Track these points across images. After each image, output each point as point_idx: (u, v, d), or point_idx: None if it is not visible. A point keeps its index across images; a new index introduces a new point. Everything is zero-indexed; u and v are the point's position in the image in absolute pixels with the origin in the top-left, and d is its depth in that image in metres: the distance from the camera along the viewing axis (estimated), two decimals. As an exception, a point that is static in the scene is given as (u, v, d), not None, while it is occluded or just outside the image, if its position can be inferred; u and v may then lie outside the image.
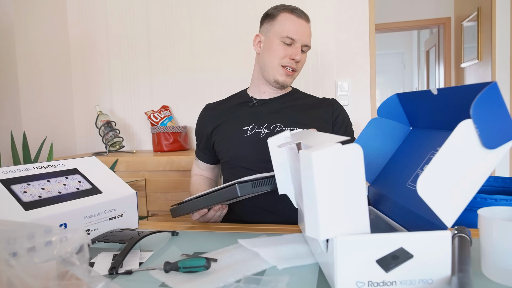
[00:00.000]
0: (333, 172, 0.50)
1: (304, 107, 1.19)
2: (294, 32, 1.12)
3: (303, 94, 1.28)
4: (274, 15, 1.16)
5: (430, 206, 0.53)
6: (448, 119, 0.63)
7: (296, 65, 1.15)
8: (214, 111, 1.23)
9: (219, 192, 0.79)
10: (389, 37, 6.07)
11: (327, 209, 0.51)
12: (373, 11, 1.79)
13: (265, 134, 1.12)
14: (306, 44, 1.15)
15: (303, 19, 1.15)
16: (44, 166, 0.86)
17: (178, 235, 0.85)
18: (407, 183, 0.70)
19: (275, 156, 0.79)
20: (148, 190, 1.62)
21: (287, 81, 1.16)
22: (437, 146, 0.66)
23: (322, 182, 0.50)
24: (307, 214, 0.54)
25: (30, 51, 1.81)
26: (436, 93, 0.64)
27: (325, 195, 0.50)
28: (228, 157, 1.16)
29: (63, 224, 0.76)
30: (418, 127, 0.78)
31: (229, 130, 1.16)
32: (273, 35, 1.14)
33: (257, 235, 0.82)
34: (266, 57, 1.16)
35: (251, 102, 1.21)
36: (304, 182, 0.54)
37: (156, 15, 2.01)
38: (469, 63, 3.65)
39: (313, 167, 0.50)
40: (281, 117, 1.15)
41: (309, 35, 1.17)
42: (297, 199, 0.77)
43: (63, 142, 2.03)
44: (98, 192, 0.86)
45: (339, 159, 0.50)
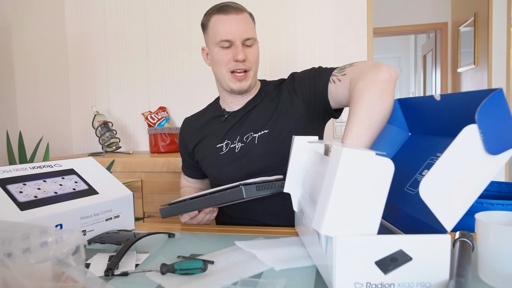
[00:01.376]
0: (357, 176, 0.51)
1: (270, 104, 1.09)
2: (227, 33, 1.01)
3: (270, 86, 1.14)
4: (206, 22, 1.07)
5: (431, 209, 0.53)
6: (450, 126, 0.63)
7: (245, 64, 1.04)
8: (191, 128, 1.19)
9: (222, 193, 0.78)
10: (386, 41, 6.10)
11: (338, 207, 0.51)
12: (371, 15, 1.79)
13: (240, 148, 1.07)
14: (247, 38, 1.03)
15: (233, 13, 1.02)
16: (40, 166, 0.86)
17: (174, 237, 0.85)
18: (406, 187, 0.70)
19: (295, 155, 0.79)
20: (145, 191, 1.61)
21: (242, 86, 1.05)
22: (436, 152, 0.66)
23: (342, 180, 0.51)
24: (319, 207, 0.55)
25: (27, 51, 1.80)
26: (439, 99, 0.64)
27: (340, 193, 0.51)
28: (211, 178, 1.15)
29: (59, 225, 0.75)
30: (417, 133, 0.79)
31: (207, 149, 1.12)
32: (211, 44, 1.06)
33: (254, 237, 0.81)
34: (214, 69, 1.09)
35: (223, 116, 1.13)
36: (326, 177, 0.55)
37: (154, 16, 2.01)
38: (466, 68, 3.68)
39: (339, 163, 0.51)
40: (251, 124, 1.08)
41: (245, 27, 1.03)
42: (301, 202, 0.77)
43: (60, 142, 2.02)
44: (95, 192, 0.85)
45: (368, 166, 0.51)
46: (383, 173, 0.52)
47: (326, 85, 0.99)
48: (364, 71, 0.85)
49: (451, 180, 0.53)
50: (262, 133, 1.05)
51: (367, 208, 0.52)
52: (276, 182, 0.82)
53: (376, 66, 0.84)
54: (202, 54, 1.15)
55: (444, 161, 0.52)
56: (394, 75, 0.82)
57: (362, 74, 0.85)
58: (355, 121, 0.76)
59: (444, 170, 0.52)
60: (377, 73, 0.81)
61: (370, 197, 0.52)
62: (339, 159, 0.51)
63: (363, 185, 0.52)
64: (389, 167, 0.52)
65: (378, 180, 0.52)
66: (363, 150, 0.52)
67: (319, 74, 1.02)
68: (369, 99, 0.78)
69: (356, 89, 0.82)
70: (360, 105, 0.77)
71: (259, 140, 1.05)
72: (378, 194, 0.52)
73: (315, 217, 0.55)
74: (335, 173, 0.51)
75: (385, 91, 0.78)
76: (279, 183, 0.83)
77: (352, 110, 0.79)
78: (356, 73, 0.88)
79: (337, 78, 0.95)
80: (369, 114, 0.76)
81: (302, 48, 1.87)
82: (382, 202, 0.53)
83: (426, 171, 0.68)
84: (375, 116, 0.76)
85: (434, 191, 0.53)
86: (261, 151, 1.04)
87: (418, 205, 0.64)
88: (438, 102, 0.65)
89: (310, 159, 0.77)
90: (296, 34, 1.87)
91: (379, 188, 0.52)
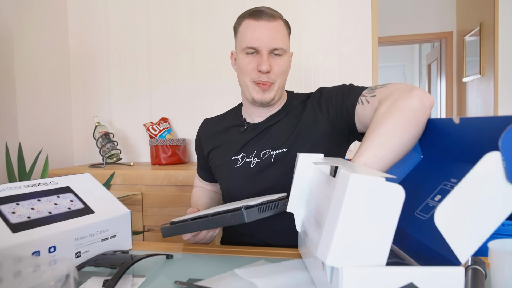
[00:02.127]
0: (365, 203, 0.48)
1: (293, 120, 1.02)
2: (253, 39, 0.95)
3: (296, 101, 1.07)
4: (237, 26, 1.02)
5: (446, 238, 0.50)
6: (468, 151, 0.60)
7: (269, 77, 0.96)
8: (209, 131, 1.15)
9: (223, 216, 0.75)
10: (390, 50, 6.07)
11: (344, 236, 0.48)
12: (376, 25, 1.77)
13: (255, 164, 1.01)
14: (275, 48, 0.95)
15: (264, 19, 0.95)
16: (36, 184, 0.83)
17: (173, 258, 0.82)
18: (416, 211, 0.67)
19: (299, 173, 0.75)
20: (145, 205, 1.58)
21: (265, 97, 0.98)
22: (451, 177, 0.63)
23: (350, 207, 0.48)
24: (325, 234, 0.52)
25: (29, 61, 1.79)
26: (459, 122, 0.61)
27: (348, 222, 0.48)
28: (222, 189, 1.11)
29: (52, 247, 0.72)
30: (430, 155, 0.75)
31: (221, 159, 1.07)
32: (238, 49, 1.00)
33: (255, 259, 0.78)
34: (239, 76, 1.03)
35: (242, 126, 1.07)
36: (333, 202, 0.52)
37: (157, 27, 2.00)
38: (471, 77, 3.64)
39: (347, 189, 0.48)
40: (270, 140, 1.02)
41: (275, 36, 0.95)
42: (305, 223, 0.74)
43: (61, 153, 2.00)
44: (91, 212, 0.82)
45: (377, 192, 0.48)
46: (393, 200, 0.49)
47: (354, 105, 0.91)
48: (394, 94, 0.77)
49: (469, 209, 0.50)
50: (280, 152, 0.99)
51: (375, 238, 0.49)
52: (280, 202, 0.79)
53: (408, 91, 0.75)
54: (231, 58, 1.09)
55: (462, 188, 0.49)
56: (427, 104, 0.72)
57: (391, 97, 0.76)
58: (365, 149, 0.69)
59: (462, 197, 0.49)
60: (407, 99, 0.72)
61: (379, 225, 0.49)
62: (346, 184, 0.48)
63: (372, 213, 0.49)
64: (399, 194, 0.49)
65: (388, 207, 0.49)
66: (372, 176, 0.49)
67: (348, 92, 0.94)
68: (388, 128, 0.70)
69: (378, 113, 0.74)
70: (377, 133, 0.70)
71: (276, 158, 1.00)
72: (388, 223, 0.49)
73: (320, 245, 0.52)
74: (342, 200, 0.48)
75: (410, 122, 0.70)
76: (283, 202, 0.80)
77: (367, 136, 0.72)
78: (385, 95, 0.80)
79: (366, 99, 0.87)
80: (383, 146, 0.69)
81: (306, 59, 1.85)
82: (392, 231, 0.50)
83: (439, 196, 0.64)
84: (390, 148, 0.69)
85: (450, 219, 0.50)
86: (276, 170, 0.99)
87: (429, 232, 0.61)
88: (457, 125, 0.62)
89: (315, 179, 0.73)
90: (300, 44, 1.85)
91: (389, 216, 0.49)
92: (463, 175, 0.63)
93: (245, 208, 0.71)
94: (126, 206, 1.58)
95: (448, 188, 0.64)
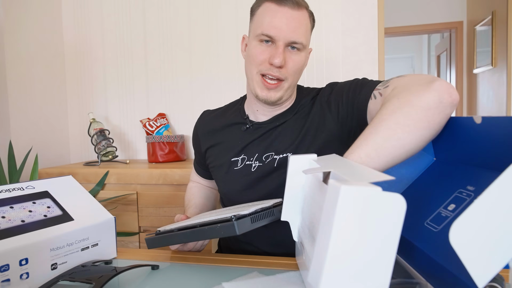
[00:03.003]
0: (360, 218, 0.41)
1: (300, 120, 0.93)
2: (271, 27, 0.82)
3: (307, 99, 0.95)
4: (255, 8, 0.89)
5: (462, 260, 0.42)
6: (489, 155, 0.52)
7: (280, 72, 0.85)
8: (207, 127, 1.05)
9: (212, 228, 0.67)
10: (398, 41, 5.94)
11: (338, 259, 0.41)
12: (382, 15, 1.68)
13: (257, 167, 0.92)
14: (293, 41, 0.84)
15: (288, 6, 0.83)
16: (10, 189, 0.77)
17: (158, 269, 0.75)
18: (426, 221, 0.59)
19: (291, 178, 0.67)
20: (140, 205, 1.52)
21: (270, 96, 0.87)
22: (467, 184, 0.55)
23: (342, 225, 0.40)
24: (315, 257, 0.45)
25: (21, 56, 1.73)
26: (480, 121, 0.53)
27: (340, 242, 0.41)
28: (220, 191, 1.03)
29: (24, 259, 0.66)
30: (444, 158, 0.67)
31: (220, 159, 0.99)
32: (252, 34, 0.88)
33: (248, 270, 0.71)
34: (246, 64, 0.91)
35: (244, 125, 0.97)
36: (323, 219, 0.45)
37: (153, 20, 1.92)
38: (483, 69, 3.52)
39: (337, 204, 0.40)
40: (274, 143, 0.92)
41: (297, 27, 0.84)
42: (301, 232, 0.67)
43: (57, 151, 1.95)
44: (69, 219, 0.76)
45: (373, 205, 0.41)
46: (393, 213, 0.41)
47: (366, 102, 0.80)
48: (409, 86, 0.64)
49: (491, 226, 0.42)
50: (284, 156, 0.90)
51: (374, 258, 0.42)
52: (275, 209, 0.72)
53: (427, 83, 0.62)
54: (242, 43, 0.96)
55: (484, 202, 0.41)
56: (447, 100, 0.59)
57: (404, 89, 0.64)
58: (358, 147, 0.60)
59: (483, 213, 0.41)
60: (421, 94, 0.60)
61: (377, 244, 0.41)
62: (337, 198, 0.41)
63: (369, 230, 0.41)
64: (400, 205, 0.41)
65: (387, 221, 0.41)
66: (366, 186, 0.41)
67: (360, 87, 0.83)
68: (389, 127, 0.59)
69: (385, 106, 0.63)
70: (376, 130, 0.60)
71: (280, 163, 0.90)
72: (388, 240, 0.42)
73: (311, 270, 0.45)
74: (333, 218, 0.41)
75: (417, 122, 0.59)
76: (278, 209, 0.73)
77: (365, 131, 0.62)
78: (400, 86, 0.68)
79: (379, 92, 0.76)
80: (379, 146, 0.59)
81: (308, 51, 1.76)
82: (394, 250, 0.42)
83: (453, 205, 0.57)
84: (386, 150, 0.58)
85: (468, 238, 0.42)
86: (279, 176, 0.90)
87: (441, 247, 0.53)
88: (478, 126, 0.54)
89: (308, 183, 0.66)
90: (302, 36, 1.76)
91: (389, 232, 0.42)
92: (482, 182, 0.55)
93: (236, 219, 0.63)
94: (121, 206, 1.53)
95: (463, 196, 0.56)
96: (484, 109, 3.60)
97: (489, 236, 0.42)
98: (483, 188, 0.54)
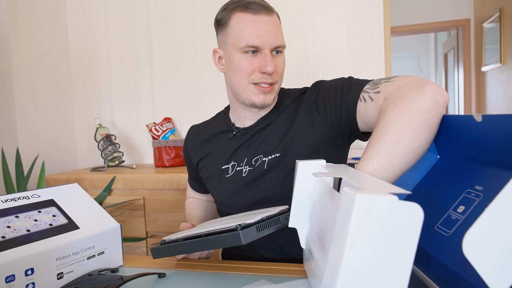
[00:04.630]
0: (376, 228, 0.39)
1: (286, 121, 0.92)
2: (255, 37, 0.83)
3: (289, 99, 0.96)
4: (225, 19, 0.88)
5: (477, 270, 0.40)
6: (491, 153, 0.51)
7: (272, 77, 0.87)
8: (195, 139, 1.05)
9: (217, 237, 0.66)
10: (404, 39, 5.89)
11: (352, 270, 0.40)
12: (388, 14, 1.66)
13: (247, 172, 0.92)
14: (278, 45, 0.86)
15: (263, 13, 0.84)
16: (15, 198, 0.76)
17: (165, 277, 0.74)
18: (436, 225, 0.57)
19: (299, 184, 0.66)
20: (147, 210, 1.52)
21: (267, 100, 0.88)
22: (475, 183, 0.53)
23: (357, 235, 0.39)
24: (328, 267, 0.44)
25: (27, 62, 1.74)
26: (480, 120, 0.51)
27: (355, 253, 0.39)
28: (215, 201, 1.02)
29: (30, 269, 0.65)
30: (448, 156, 0.66)
31: (211, 169, 0.98)
32: (231, 47, 0.87)
33: (256, 278, 0.70)
34: (232, 77, 0.90)
35: (231, 132, 0.97)
36: (337, 228, 0.43)
37: (158, 24, 1.92)
38: (491, 66, 3.47)
39: (352, 213, 0.39)
40: (262, 145, 0.92)
41: (277, 31, 0.86)
42: (309, 240, 0.65)
43: (64, 157, 1.96)
44: (75, 227, 0.75)
45: (389, 215, 0.39)
46: (410, 223, 0.40)
47: (354, 103, 0.80)
48: (402, 91, 0.66)
49: (505, 233, 0.40)
50: (273, 157, 0.89)
51: (391, 269, 0.40)
52: (281, 216, 0.70)
53: (419, 86, 0.64)
54: (213, 57, 0.96)
55: (496, 209, 0.39)
56: (441, 101, 0.61)
57: (398, 95, 0.66)
58: (371, 159, 0.60)
59: (496, 220, 0.39)
60: (418, 98, 0.62)
61: (394, 254, 0.40)
62: (352, 207, 0.39)
63: (385, 240, 0.40)
64: (417, 215, 0.40)
65: (404, 231, 0.40)
66: (382, 195, 0.40)
67: (348, 87, 0.83)
68: (396, 134, 0.60)
69: (385, 115, 0.64)
70: (383, 139, 0.60)
71: (269, 165, 0.89)
72: (405, 250, 0.40)
73: (324, 280, 0.44)
74: (348, 227, 0.39)
75: (421, 125, 0.60)
76: (284, 216, 0.72)
77: (372, 142, 0.62)
78: (392, 92, 0.69)
79: (369, 96, 0.77)
80: (391, 154, 0.59)
81: (313, 52, 1.75)
82: (411, 260, 0.41)
83: (463, 207, 0.55)
84: (398, 157, 0.59)
85: (482, 247, 0.40)
86: (271, 178, 0.89)
87: (454, 253, 0.51)
88: (479, 124, 0.52)
89: (317, 189, 0.65)
90: (307, 37, 1.75)
91: (406, 242, 0.40)
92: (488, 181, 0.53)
93: (241, 228, 0.62)
94: (128, 211, 1.53)
95: (472, 197, 0.54)
96: (494, 107, 3.55)
97: (505, 243, 0.40)
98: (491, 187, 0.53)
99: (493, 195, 0.49)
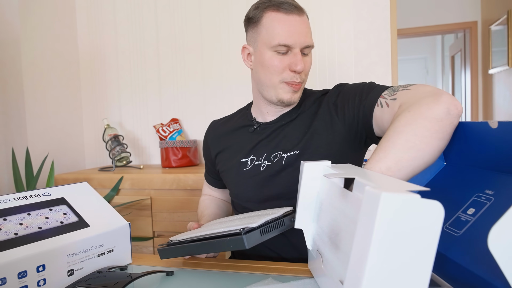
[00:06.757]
0: (400, 226, 0.40)
1: (306, 120, 0.95)
2: (287, 36, 0.86)
3: (310, 99, 0.98)
4: (257, 18, 0.90)
5: (501, 268, 0.40)
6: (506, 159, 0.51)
7: (301, 76, 0.91)
8: (216, 132, 1.08)
9: (221, 241, 0.67)
10: (411, 42, 5.87)
11: (378, 269, 0.40)
12: (395, 17, 1.66)
13: (265, 167, 0.94)
14: (307, 45, 0.89)
15: (295, 13, 0.87)
16: (27, 196, 0.78)
17: (173, 275, 0.75)
18: (445, 225, 0.58)
19: (305, 185, 0.67)
20: (154, 210, 1.53)
21: (295, 98, 0.92)
22: (485, 188, 0.54)
23: (382, 234, 0.39)
24: (352, 266, 0.44)
25: (37, 64, 1.76)
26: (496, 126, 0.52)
27: (381, 251, 0.40)
28: (231, 195, 1.04)
29: (41, 266, 0.67)
30: (454, 163, 0.66)
31: (230, 162, 1.00)
32: (262, 45, 0.90)
33: (262, 276, 0.71)
34: (261, 74, 0.92)
35: (251, 126, 1.00)
36: (359, 227, 0.43)
37: (166, 26, 1.94)
38: (498, 69, 3.45)
39: (377, 211, 0.39)
40: (282, 142, 0.94)
41: (307, 31, 0.89)
42: (317, 240, 0.66)
43: (72, 157, 1.98)
44: (85, 225, 0.77)
45: (413, 213, 0.40)
46: (432, 221, 0.40)
47: (372, 108, 0.82)
48: (417, 99, 0.67)
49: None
50: (292, 154, 0.91)
51: (413, 268, 0.40)
52: (285, 218, 0.71)
53: (434, 96, 0.65)
54: (242, 53, 0.97)
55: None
56: (455, 112, 0.62)
57: (413, 102, 0.67)
58: (378, 161, 0.61)
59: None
60: (432, 106, 0.63)
61: (416, 252, 0.40)
62: (377, 206, 0.39)
63: (408, 238, 0.40)
64: (438, 213, 0.40)
65: (426, 229, 0.40)
66: (406, 193, 0.40)
67: (367, 92, 0.85)
68: (407, 139, 0.61)
69: (397, 120, 0.65)
70: (393, 143, 0.61)
71: (287, 161, 0.91)
72: (427, 248, 0.40)
73: (347, 279, 0.44)
74: (373, 226, 0.39)
75: (433, 133, 0.61)
76: (289, 218, 0.72)
77: (382, 145, 0.63)
78: (407, 99, 0.71)
79: (386, 102, 0.78)
80: (400, 158, 0.60)
81: (320, 54, 1.76)
82: (432, 258, 0.41)
83: (473, 209, 0.55)
84: (407, 162, 0.60)
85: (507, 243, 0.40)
86: (288, 174, 0.91)
87: (466, 251, 0.52)
88: (494, 130, 0.53)
89: (325, 190, 0.65)
90: (314, 38, 1.76)
91: (427, 240, 0.40)
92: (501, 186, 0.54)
93: (245, 232, 0.63)
94: (135, 211, 1.54)
95: (483, 200, 0.55)
96: (501, 110, 3.53)
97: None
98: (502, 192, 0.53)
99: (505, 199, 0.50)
